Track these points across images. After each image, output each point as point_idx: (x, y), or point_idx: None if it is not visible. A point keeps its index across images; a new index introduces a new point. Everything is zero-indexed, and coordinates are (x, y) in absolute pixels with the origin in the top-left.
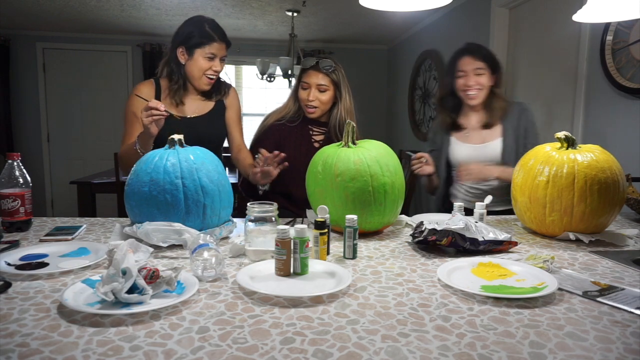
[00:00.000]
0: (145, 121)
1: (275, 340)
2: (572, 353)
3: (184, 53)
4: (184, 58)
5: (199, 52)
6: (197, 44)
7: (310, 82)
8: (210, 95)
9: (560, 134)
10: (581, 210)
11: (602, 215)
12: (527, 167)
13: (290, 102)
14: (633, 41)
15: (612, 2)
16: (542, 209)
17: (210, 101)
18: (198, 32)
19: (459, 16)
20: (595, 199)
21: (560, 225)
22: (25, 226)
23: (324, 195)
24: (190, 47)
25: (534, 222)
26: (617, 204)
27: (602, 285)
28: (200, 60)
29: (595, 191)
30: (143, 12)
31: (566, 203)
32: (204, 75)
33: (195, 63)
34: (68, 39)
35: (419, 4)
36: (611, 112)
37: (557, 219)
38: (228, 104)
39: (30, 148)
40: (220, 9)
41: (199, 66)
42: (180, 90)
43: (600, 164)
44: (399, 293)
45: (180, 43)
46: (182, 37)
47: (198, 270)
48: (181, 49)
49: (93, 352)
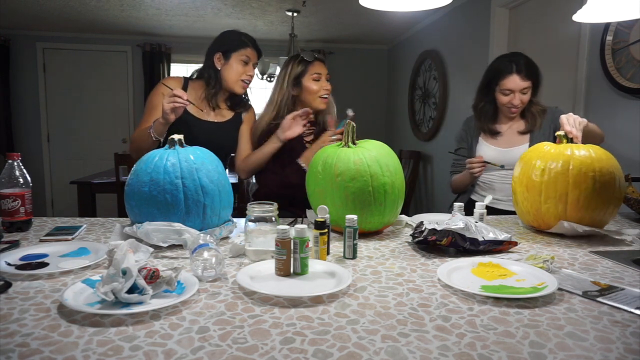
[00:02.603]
0: (167, 106)
1: (275, 340)
2: (572, 353)
3: (220, 58)
4: (221, 63)
5: (235, 56)
6: (233, 49)
7: (322, 72)
8: (237, 104)
9: (560, 132)
10: (575, 196)
11: (597, 207)
12: (526, 159)
13: (278, 100)
14: (633, 41)
15: (612, 2)
16: (538, 196)
17: (231, 111)
18: (234, 38)
19: (459, 16)
20: (589, 186)
21: (556, 213)
22: (25, 226)
23: (324, 195)
24: (227, 52)
25: (531, 213)
26: (612, 201)
27: (602, 285)
28: (235, 64)
29: (590, 178)
30: (143, 12)
31: (561, 190)
32: (239, 80)
33: (231, 67)
34: (68, 39)
35: (419, 4)
36: (611, 112)
37: (552, 207)
38: (245, 119)
39: (30, 148)
40: (220, 9)
41: (235, 69)
42: (217, 95)
43: (597, 156)
44: (399, 293)
45: (217, 49)
46: (220, 44)
47: (198, 270)
48: (218, 55)
49: (93, 352)
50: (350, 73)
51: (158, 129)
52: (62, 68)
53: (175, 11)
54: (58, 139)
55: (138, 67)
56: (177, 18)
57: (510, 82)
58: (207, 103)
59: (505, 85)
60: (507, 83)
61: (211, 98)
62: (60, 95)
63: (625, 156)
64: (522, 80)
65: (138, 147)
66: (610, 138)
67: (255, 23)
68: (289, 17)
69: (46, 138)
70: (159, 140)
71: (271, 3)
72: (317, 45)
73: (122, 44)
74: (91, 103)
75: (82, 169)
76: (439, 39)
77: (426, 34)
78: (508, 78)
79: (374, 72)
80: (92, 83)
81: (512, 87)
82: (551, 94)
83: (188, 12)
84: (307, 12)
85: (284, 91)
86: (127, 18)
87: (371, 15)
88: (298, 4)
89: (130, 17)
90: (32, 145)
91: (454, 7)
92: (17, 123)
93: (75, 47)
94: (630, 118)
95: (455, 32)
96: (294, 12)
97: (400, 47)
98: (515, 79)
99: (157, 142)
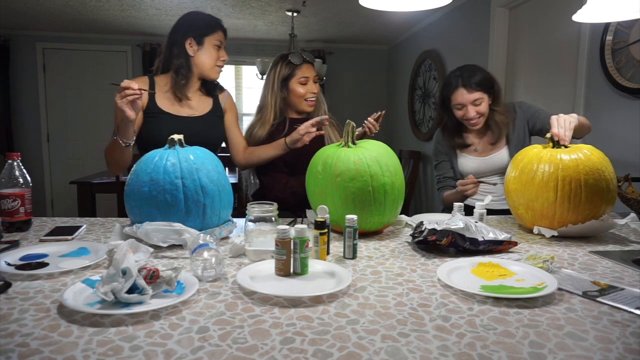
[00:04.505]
0: (119, 103)
1: (275, 340)
2: (572, 353)
3: (192, 44)
4: (193, 49)
5: (209, 40)
6: (206, 32)
7: (309, 74)
8: (213, 89)
9: (548, 135)
10: (566, 198)
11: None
12: (516, 162)
13: (272, 103)
14: (633, 41)
15: (612, 2)
16: (532, 199)
17: (208, 98)
18: (205, 22)
19: (459, 16)
20: (579, 187)
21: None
22: (25, 226)
23: (324, 195)
24: (200, 37)
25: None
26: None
27: (602, 285)
28: (210, 48)
29: (577, 180)
30: (143, 12)
31: (551, 192)
32: (215, 65)
33: (206, 52)
34: (68, 39)
35: (419, 4)
36: (611, 112)
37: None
38: (226, 107)
39: (30, 148)
40: (220, 9)
41: (211, 54)
42: (187, 85)
43: (585, 157)
44: (399, 293)
45: (187, 34)
46: (189, 28)
47: (198, 270)
48: (189, 40)
49: (93, 352)
50: (350, 73)
51: (123, 132)
52: (62, 68)
53: (175, 11)
54: (58, 139)
55: (138, 67)
56: (177, 18)
57: (458, 96)
58: (174, 95)
59: (455, 100)
60: (456, 97)
61: (181, 89)
62: (60, 95)
63: (625, 156)
64: (470, 92)
65: (111, 157)
66: (610, 138)
67: (255, 23)
68: (288, 17)
69: (46, 138)
70: (130, 144)
71: (271, 3)
72: (317, 45)
73: (122, 44)
74: (91, 103)
75: (82, 169)
76: (439, 39)
77: (426, 34)
78: (456, 92)
79: (374, 72)
80: (92, 83)
81: (461, 101)
82: (551, 94)
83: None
84: (307, 12)
85: (275, 93)
86: (127, 18)
87: (371, 15)
88: (298, 4)
89: (130, 17)
90: (32, 146)
91: (454, 7)
92: (17, 123)
93: (75, 47)
94: (630, 118)
95: (455, 32)
96: (294, 12)
97: (400, 47)
98: (463, 92)
99: (128, 148)
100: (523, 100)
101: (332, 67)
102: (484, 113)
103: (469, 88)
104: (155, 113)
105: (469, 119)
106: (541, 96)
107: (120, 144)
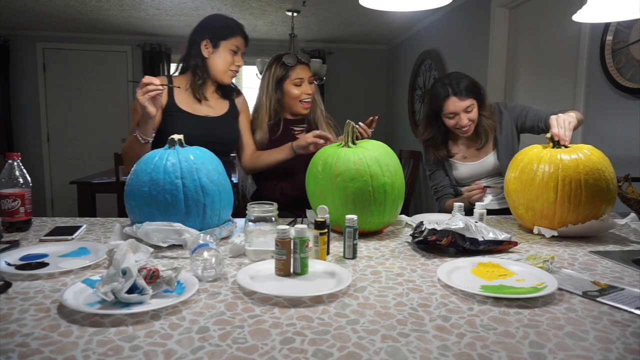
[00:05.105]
0: (141, 99)
1: (275, 340)
2: (572, 353)
3: (208, 46)
4: (209, 51)
5: (225, 44)
6: (223, 36)
7: (304, 76)
8: (229, 92)
9: (548, 135)
10: (566, 198)
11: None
12: (516, 162)
13: (268, 104)
14: (633, 41)
15: (612, 2)
16: (531, 199)
17: (225, 100)
18: (223, 25)
19: (459, 16)
20: (578, 187)
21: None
22: (25, 226)
23: (324, 195)
24: (216, 40)
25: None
26: (605, 200)
27: (602, 285)
28: (224, 53)
29: (577, 180)
30: (143, 12)
31: (551, 192)
32: (228, 70)
33: (220, 55)
34: (68, 39)
35: (419, 4)
36: (611, 112)
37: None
38: (241, 108)
39: (30, 148)
40: (220, 9)
41: (224, 59)
42: (204, 85)
43: (585, 157)
44: (399, 293)
45: (204, 36)
46: (207, 30)
47: (198, 270)
48: (206, 42)
49: (93, 352)
50: (350, 73)
51: (143, 129)
52: (62, 68)
53: (175, 11)
54: (58, 139)
55: (138, 67)
56: (177, 18)
57: (450, 105)
58: (194, 95)
59: (447, 109)
60: (448, 106)
61: (198, 89)
62: (60, 95)
63: (625, 156)
64: (461, 100)
65: (130, 155)
66: (610, 138)
67: (255, 23)
68: (289, 17)
69: (46, 138)
70: (149, 142)
71: (271, 3)
72: (317, 45)
73: (122, 44)
74: (91, 103)
75: (82, 169)
76: (439, 39)
77: (426, 34)
78: (447, 101)
79: (374, 72)
80: (92, 83)
81: (453, 109)
82: (551, 94)
83: (188, 12)
84: (307, 12)
85: (270, 94)
86: (127, 18)
87: (371, 15)
88: (298, 4)
89: (130, 17)
90: (32, 146)
91: (454, 7)
92: (17, 123)
93: (75, 47)
94: (630, 118)
95: (455, 32)
96: (294, 12)
97: (400, 47)
98: (454, 100)
99: (147, 145)
100: (523, 100)
101: (332, 67)
102: (474, 119)
103: (460, 95)
104: (174, 112)
105: (462, 126)
106: (541, 96)
107: (140, 140)
